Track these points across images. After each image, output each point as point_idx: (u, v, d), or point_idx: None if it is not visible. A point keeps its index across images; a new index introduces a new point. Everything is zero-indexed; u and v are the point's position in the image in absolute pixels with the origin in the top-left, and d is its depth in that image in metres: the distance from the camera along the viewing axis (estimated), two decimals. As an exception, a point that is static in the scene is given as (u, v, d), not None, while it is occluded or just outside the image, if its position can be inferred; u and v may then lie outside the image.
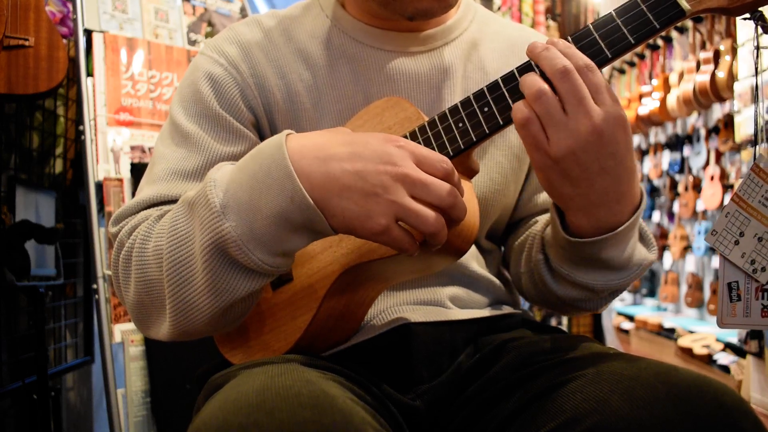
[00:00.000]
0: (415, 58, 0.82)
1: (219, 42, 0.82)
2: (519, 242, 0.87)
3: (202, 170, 0.76)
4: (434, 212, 0.57)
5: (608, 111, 0.59)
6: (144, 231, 0.68)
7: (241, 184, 0.59)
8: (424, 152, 0.59)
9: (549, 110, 0.59)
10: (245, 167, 0.60)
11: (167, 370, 1.59)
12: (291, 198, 0.57)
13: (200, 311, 0.63)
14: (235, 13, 2.05)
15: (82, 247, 1.99)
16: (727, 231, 0.68)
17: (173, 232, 0.63)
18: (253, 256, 0.58)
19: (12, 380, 1.64)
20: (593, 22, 0.63)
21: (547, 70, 0.60)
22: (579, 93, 0.59)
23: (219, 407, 0.51)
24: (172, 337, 0.67)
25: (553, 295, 0.78)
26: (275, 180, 0.57)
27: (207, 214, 0.59)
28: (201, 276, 0.61)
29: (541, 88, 0.59)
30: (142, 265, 0.66)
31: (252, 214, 0.58)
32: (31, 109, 1.82)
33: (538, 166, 0.63)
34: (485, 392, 0.69)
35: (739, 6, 0.59)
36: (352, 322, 0.75)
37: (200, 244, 0.60)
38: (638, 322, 4.21)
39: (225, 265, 0.60)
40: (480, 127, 0.66)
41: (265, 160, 0.59)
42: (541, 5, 2.86)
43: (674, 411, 0.52)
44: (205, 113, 0.78)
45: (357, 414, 0.51)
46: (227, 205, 0.58)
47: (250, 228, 0.58)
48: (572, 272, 0.72)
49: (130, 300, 0.69)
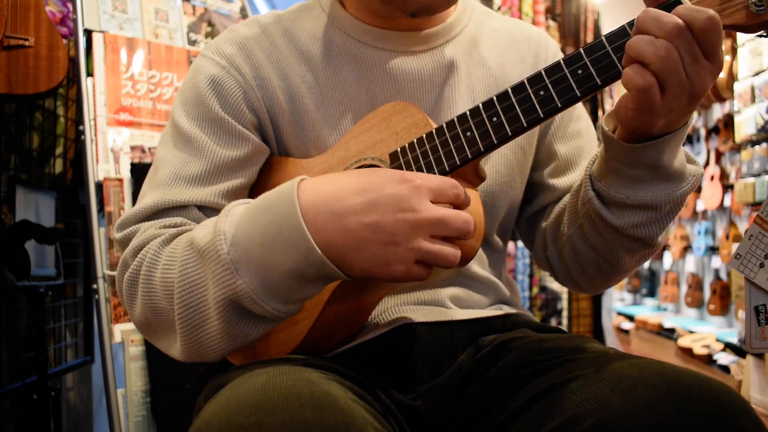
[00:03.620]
0: (418, 57, 0.82)
1: (220, 43, 0.82)
2: (553, 218, 0.86)
3: (205, 175, 0.76)
4: (452, 248, 0.58)
5: (720, 65, 0.58)
6: (151, 256, 0.67)
7: (253, 239, 0.58)
8: (435, 183, 0.59)
9: (675, 69, 0.57)
10: (256, 221, 0.59)
11: (167, 370, 1.59)
12: (306, 257, 0.57)
13: (213, 351, 0.64)
14: (235, 13, 2.05)
15: (82, 247, 1.99)
16: (752, 254, 0.67)
17: (184, 275, 0.63)
18: (267, 307, 0.59)
19: (12, 380, 1.64)
20: (606, 34, 0.62)
21: (659, 32, 0.57)
22: (695, 51, 0.57)
23: (220, 407, 0.51)
24: (182, 360, 0.68)
25: (611, 232, 0.73)
26: (288, 239, 0.57)
27: (219, 269, 0.59)
28: (215, 323, 0.61)
29: (669, 47, 0.56)
30: (149, 292, 0.66)
31: (264, 271, 0.58)
32: (31, 109, 1.82)
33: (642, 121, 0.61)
34: (486, 392, 0.69)
35: (755, 24, 0.59)
36: (354, 327, 0.75)
37: (214, 295, 0.60)
38: (638, 322, 4.22)
39: (239, 315, 0.61)
40: (488, 137, 0.66)
41: (277, 216, 0.58)
42: (541, 5, 2.86)
43: (675, 410, 0.52)
44: (206, 116, 0.78)
45: (358, 414, 0.51)
46: (239, 261, 0.58)
47: (263, 283, 0.58)
48: (632, 193, 0.69)
49: (137, 318, 0.70)
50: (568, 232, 0.80)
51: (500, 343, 0.74)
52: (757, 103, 2.73)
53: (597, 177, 0.72)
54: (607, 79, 0.61)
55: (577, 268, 0.83)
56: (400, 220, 0.56)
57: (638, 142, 0.65)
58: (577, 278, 0.85)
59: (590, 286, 0.85)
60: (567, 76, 0.63)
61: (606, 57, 0.61)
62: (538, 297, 2.81)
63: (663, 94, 0.58)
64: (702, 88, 0.58)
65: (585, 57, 0.62)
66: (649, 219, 0.71)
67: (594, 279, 0.83)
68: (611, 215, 0.72)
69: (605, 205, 0.72)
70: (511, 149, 0.85)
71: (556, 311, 2.86)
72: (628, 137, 0.66)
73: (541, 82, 0.64)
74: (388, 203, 0.57)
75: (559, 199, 0.88)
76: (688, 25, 0.56)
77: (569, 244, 0.81)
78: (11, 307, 1.69)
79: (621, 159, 0.68)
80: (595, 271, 0.81)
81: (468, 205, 0.61)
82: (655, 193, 0.69)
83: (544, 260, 0.89)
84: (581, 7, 2.98)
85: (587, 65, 0.62)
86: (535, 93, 0.64)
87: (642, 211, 0.70)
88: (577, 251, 0.80)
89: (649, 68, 0.57)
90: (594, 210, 0.73)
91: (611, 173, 0.70)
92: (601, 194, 0.72)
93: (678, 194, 0.69)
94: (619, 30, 0.61)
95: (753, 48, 2.74)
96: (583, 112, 0.93)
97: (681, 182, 0.69)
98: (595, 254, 0.79)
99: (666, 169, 0.67)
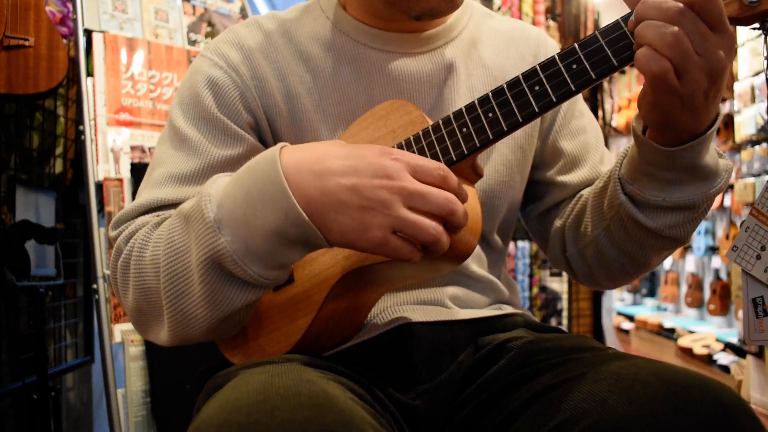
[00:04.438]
0: (417, 59, 0.82)
1: (219, 44, 0.82)
2: (573, 219, 0.85)
3: (200, 174, 0.76)
4: (433, 221, 0.57)
5: (731, 36, 0.58)
6: (141, 238, 0.68)
7: (236, 200, 0.59)
8: (420, 162, 0.58)
9: (686, 52, 0.56)
10: (240, 182, 0.60)
11: (167, 370, 1.59)
12: (286, 215, 0.57)
13: (198, 322, 0.63)
14: (235, 13, 2.05)
15: (82, 247, 1.99)
16: (748, 246, 0.66)
17: (170, 244, 0.63)
18: (248, 270, 0.59)
19: (12, 380, 1.65)
20: (600, 29, 0.62)
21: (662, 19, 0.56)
22: (701, 29, 0.56)
23: (219, 407, 0.51)
24: (170, 343, 0.68)
25: (645, 234, 0.72)
26: (270, 196, 0.57)
27: (202, 228, 0.59)
28: (198, 288, 0.61)
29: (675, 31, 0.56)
30: (140, 274, 0.67)
31: (247, 230, 0.58)
32: (31, 109, 1.82)
33: (665, 108, 0.60)
34: (485, 392, 0.69)
35: (748, 16, 0.59)
36: (353, 325, 0.75)
37: (196, 257, 0.60)
38: (638, 322, 4.21)
39: (221, 278, 0.60)
40: (484, 133, 0.66)
41: (260, 176, 0.58)
42: (541, 5, 2.86)
43: (673, 410, 0.52)
44: (203, 117, 0.78)
45: (357, 414, 0.51)
46: (222, 220, 0.58)
47: (245, 243, 0.58)
48: (668, 195, 0.68)
49: (129, 306, 0.70)
50: (593, 234, 0.80)
51: (500, 343, 0.74)
52: (757, 103, 2.73)
53: (628, 180, 0.71)
54: (601, 73, 0.62)
55: (599, 268, 0.83)
56: (377, 186, 0.56)
57: (672, 143, 0.64)
58: (599, 277, 0.85)
59: (611, 283, 0.85)
60: (561, 71, 0.63)
61: (600, 51, 0.61)
62: (538, 297, 2.81)
63: (681, 80, 0.57)
64: (719, 64, 0.57)
65: (579, 51, 0.62)
66: (685, 219, 0.70)
67: (617, 277, 0.82)
68: (646, 218, 0.71)
69: (639, 208, 0.71)
70: (511, 149, 0.85)
71: (556, 311, 2.86)
72: (661, 138, 0.65)
73: (535, 77, 0.64)
74: (369, 169, 0.57)
75: (573, 196, 0.87)
76: (688, 5, 0.56)
77: (594, 245, 0.80)
78: (11, 307, 1.69)
79: (656, 163, 0.67)
80: (619, 271, 0.81)
81: (462, 194, 0.60)
82: (692, 193, 0.68)
83: (563, 260, 0.89)
84: (581, 7, 2.98)
85: (581, 59, 0.62)
86: (530, 88, 0.64)
87: (678, 212, 0.70)
88: (603, 252, 0.80)
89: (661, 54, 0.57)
90: (626, 213, 0.72)
91: (645, 177, 0.69)
92: (634, 198, 0.71)
93: (714, 191, 0.68)
94: (613, 24, 0.61)
95: (753, 48, 2.74)
96: (585, 109, 0.93)
97: (716, 179, 0.68)
98: (621, 255, 0.78)
99: (703, 168, 0.66)
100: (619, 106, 4.31)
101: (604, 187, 0.77)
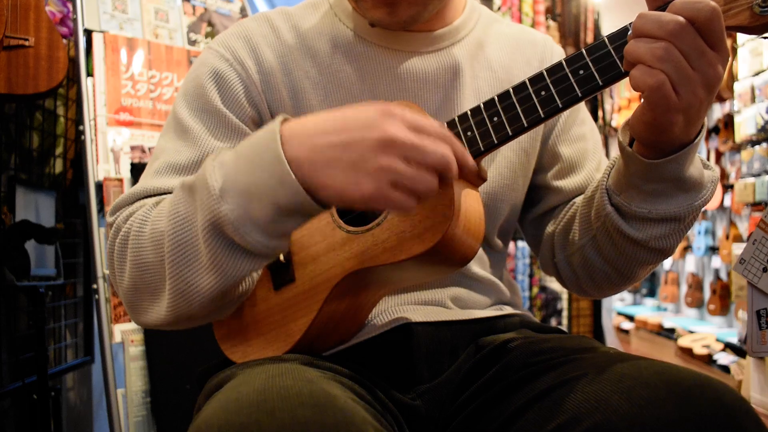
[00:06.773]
0: (423, 58, 0.82)
1: (227, 37, 0.83)
2: (563, 225, 0.85)
3: (198, 165, 0.76)
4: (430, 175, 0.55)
5: (726, 53, 0.58)
6: (141, 216, 0.69)
7: (238, 169, 0.59)
8: (417, 117, 0.57)
9: (680, 66, 0.56)
10: (242, 152, 0.60)
11: (167, 370, 1.59)
12: (280, 181, 0.57)
13: (200, 292, 0.63)
14: (235, 13, 2.05)
15: (82, 247, 1.99)
16: (755, 258, 0.66)
17: (174, 215, 0.64)
18: (249, 238, 0.59)
19: (12, 380, 1.64)
20: (608, 34, 0.62)
21: (660, 33, 0.56)
22: (700, 45, 0.56)
23: (220, 407, 0.51)
24: (165, 321, 0.67)
25: (631, 245, 0.72)
26: (266, 163, 0.57)
27: (206, 197, 0.60)
28: (204, 255, 0.62)
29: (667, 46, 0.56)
30: (138, 249, 0.67)
31: (248, 198, 0.58)
32: (31, 109, 1.82)
33: (663, 127, 0.61)
34: (486, 392, 0.69)
35: (759, 25, 0.59)
36: (353, 325, 0.75)
37: (201, 224, 0.61)
38: (638, 322, 4.22)
39: (225, 245, 0.60)
40: (488, 137, 0.65)
41: (261, 145, 0.59)
42: (541, 5, 2.86)
43: (675, 410, 0.52)
44: (206, 109, 0.79)
45: (358, 414, 0.51)
46: (225, 189, 0.59)
47: (246, 211, 0.58)
48: (653, 207, 0.69)
49: (125, 285, 0.69)
50: (580, 242, 0.80)
51: (500, 344, 0.74)
52: (757, 103, 2.73)
53: (615, 190, 0.71)
54: (609, 80, 0.61)
55: (586, 277, 0.83)
56: (368, 138, 0.55)
57: (657, 155, 0.64)
58: (585, 286, 0.85)
59: (597, 292, 0.85)
60: (568, 76, 0.63)
61: (607, 57, 0.61)
62: (538, 297, 2.81)
63: (677, 93, 0.57)
64: (715, 77, 0.58)
65: (586, 57, 0.62)
66: (671, 230, 0.71)
67: (603, 287, 0.82)
68: (632, 229, 0.71)
69: (625, 219, 0.71)
70: (515, 152, 0.84)
71: (556, 311, 2.86)
72: (648, 151, 0.65)
73: (542, 81, 0.64)
74: (359, 124, 0.56)
75: (567, 201, 0.87)
76: (690, 21, 0.56)
77: (580, 253, 0.80)
78: (11, 307, 1.69)
79: (641, 174, 0.67)
80: (604, 281, 0.80)
81: (458, 149, 0.58)
82: (678, 205, 0.68)
83: (551, 266, 0.88)
84: (581, 7, 2.98)
85: (588, 65, 0.62)
86: (536, 93, 0.64)
87: (664, 224, 0.70)
88: (588, 261, 0.80)
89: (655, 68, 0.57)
90: (612, 224, 0.72)
91: (631, 188, 0.69)
92: (620, 209, 0.71)
93: (699, 203, 0.69)
94: (621, 30, 0.61)
95: (753, 48, 2.74)
96: (587, 116, 0.93)
97: (701, 191, 0.69)
98: (607, 265, 0.78)
99: (687, 180, 0.67)
100: (619, 106, 4.31)
101: (592, 196, 0.77)
